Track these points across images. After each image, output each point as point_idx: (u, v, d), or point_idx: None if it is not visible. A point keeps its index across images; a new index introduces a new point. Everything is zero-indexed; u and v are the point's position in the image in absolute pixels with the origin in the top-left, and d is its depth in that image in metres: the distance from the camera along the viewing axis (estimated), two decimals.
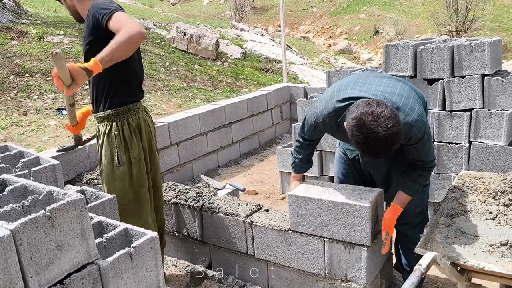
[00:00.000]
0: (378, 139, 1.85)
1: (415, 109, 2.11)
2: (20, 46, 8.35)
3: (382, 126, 1.84)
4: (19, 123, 5.51)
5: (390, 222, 2.29)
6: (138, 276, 1.48)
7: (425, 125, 2.14)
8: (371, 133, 1.84)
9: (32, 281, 1.20)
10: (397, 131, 1.87)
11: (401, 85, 2.22)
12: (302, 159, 2.60)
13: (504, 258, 1.90)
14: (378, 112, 1.86)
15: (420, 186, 2.31)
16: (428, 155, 2.24)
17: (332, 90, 2.30)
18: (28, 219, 1.18)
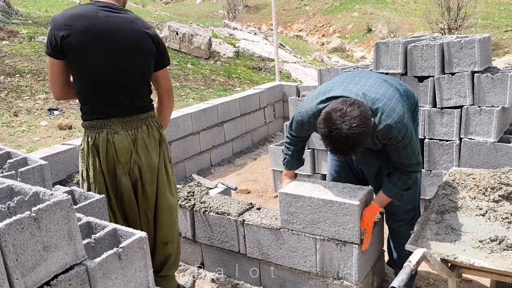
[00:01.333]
0: (340, 136, 1.92)
1: (396, 110, 2.12)
2: (11, 46, 8.29)
3: (346, 124, 1.90)
4: (9, 124, 5.47)
5: (368, 220, 2.30)
6: (127, 277, 1.47)
7: (406, 127, 2.12)
8: (335, 128, 1.92)
9: (18, 283, 1.18)
10: (360, 132, 1.92)
11: (386, 86, 2.23)
12: (292, 155, 2.60)
13: (494, 254, 1.92)
14: (346, 110, 1.93)
15: (399, 190, 2.30)
16: (409, 159, 2.21)
17: (319, 91, 2.32)
18: (13, 220, 1.16)
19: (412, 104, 2.38)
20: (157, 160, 2.28)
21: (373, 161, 2.50)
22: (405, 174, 2.27)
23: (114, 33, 2.10)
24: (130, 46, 2.14)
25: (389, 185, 2.31)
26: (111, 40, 2.10)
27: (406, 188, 2.31)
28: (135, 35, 2.15)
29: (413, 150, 2.21)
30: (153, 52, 2.22)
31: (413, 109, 2.39)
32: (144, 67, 2.21)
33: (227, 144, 5.59)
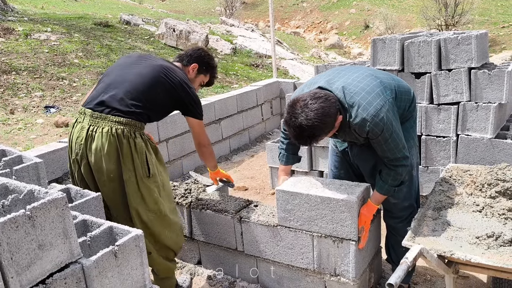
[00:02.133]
0: (296, 125, 2.01)
1: (373, 104, 2.12)
2: (7, 43, 8.24)
3: (303, 115, 1.99)
4: (6, 122, 5.44)
5: (365, 218, 2.30)
6: (123, 275, 1.46)
7: (383, 121, 2.11)
8: (293, 117, 2.02)
9: (13, 282, 1.18)
10: (313, 126, 1.99)
11: (369, 80, 2.23)
12: (287, 149, 2.60)
13: (490, 250, 1.92)
14: (309, 102, 2.01)
15: (390, 186, 2.29)
16: (393, 152, 2.20)
17: (308, 82, 2.35)
18: (8, 219, 1.16)
19: (407, 100, 2.37)
20: (114, 168, 2.27)
21: (368, 157, 2.50)
22: (392, 169, 2.26)
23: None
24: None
25: (380, 183, 2.31)
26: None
27: (396, 184, 2.30)
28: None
29: (397, 144, 2.19)
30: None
31: (407, 105, 2.38)
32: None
33: (224, 141, 5.58)
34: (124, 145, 2.27)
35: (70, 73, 7.38)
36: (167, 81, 2.42)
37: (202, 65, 2.69)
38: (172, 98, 2.46)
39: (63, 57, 8.07)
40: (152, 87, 2.38)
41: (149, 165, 2.35)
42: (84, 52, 8.54)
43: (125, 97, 2.33)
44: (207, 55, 2.75)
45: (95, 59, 8.30)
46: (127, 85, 2.37)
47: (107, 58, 8.47)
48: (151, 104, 2.39)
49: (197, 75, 2.70)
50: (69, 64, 7.79)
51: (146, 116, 2.40)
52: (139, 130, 2.35)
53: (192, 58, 2.68)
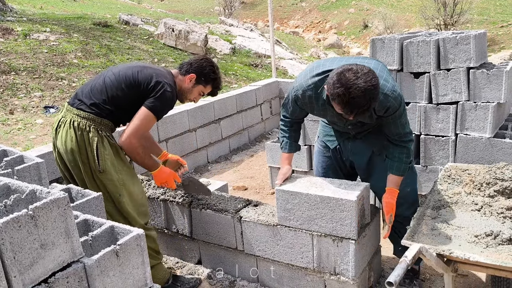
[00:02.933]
0: (359, 91, 1.93)
1: (389, 80, 2.22)
2: (6, 43, 8.24)
3: (362, 78, 1.94)
4: (5, 122, 5.45)
5: (391, 205, 2.37)
6: (125, 274, 1.47)
7: (400, 96, 2.23)
8: (352, 84, 1.93)
9: (16, 281, 1.19)
10: (376, 84, 1.98)
11: (375, 62, 2.32)
12: (290, 136, 2.61)
13: (489, 248, 1.93)
14: (357, 68, 1.98)
15: (406, 164, 2.39)
16: (403, 127, 2.34)
17: (311, 67, 2.37)
18: (10, 218, 1.17)
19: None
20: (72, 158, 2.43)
21: (364, 150, 2.54)
22: (403, 146, 2.36)
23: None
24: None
25: (395, 164, 2.38)
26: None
27: (409, 160, 2.40)
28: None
29: (406, 119, 2.35)
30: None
31: None
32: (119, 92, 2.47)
33: (223, 141, 5.59)
34: (79, 137, 2.39)
35: (69, 73, 7.39)
36: (132, 75, 2.45)
37: (201, 76, 2.61)
38: (138, 93, 2.43)
39: (62, 57, 8.07)
40: (118, 82, 2.45)
41: (100, 160, 2.40)
42: (83, 52, 8.55)
43: (91, 92, 2.47)
44: (209, 65, 2.63)
45: (94, 59, 8.31)
46: (99, 81, 2.50)
47: (106, 58, 8.48)
48: (116, 99, 2.44)
49: (194, 85, 2.62)
50: (68, 64, 7.79)
51: (108, 112, 2.45)
52: (97, 125, 2.42)
53: (192, 67, 2.61)
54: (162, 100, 2.43)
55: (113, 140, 2.48)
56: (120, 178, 2.45)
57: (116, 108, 2.46)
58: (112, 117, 2.48)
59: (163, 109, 2.47)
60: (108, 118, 2.46)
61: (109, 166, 2.42)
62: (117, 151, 2.49)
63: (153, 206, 3.05)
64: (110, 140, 2.46)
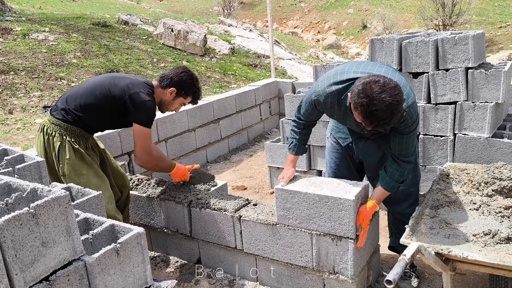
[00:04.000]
0: (382, 104, 1.92)
1: (410, 96, 2.21)
2: (5, 43, 8.23)
3: (388, 92, 1.93)
4: (4, 122, 5.45)
5: (364, 216, 2.33)
6: (125, 272, 1.48)
7: (417, 114, 2.25)
8: (376, 96, 1.93)
9: (17, 278, 1.20)
10: (400, 100, 1.96)
11: (398, 75, 2.31)
12: (299, 139, 2.61)
13: (487, 247, 1.94)
14: (384, 82, 1.96)
15: (396, 183, 2.35)
16: (408, 148, 2.29)
17: (334, 72, 2.34)
18: (12, 216, 1.18)
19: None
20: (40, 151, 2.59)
21: (374, 152, 2.55)
22: (401, 165, 2.32)
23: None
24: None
25: (386, 179, 2.36)
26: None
27: (401, 180, 2.37)
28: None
29: (414, 140, 2.31)
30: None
31: None
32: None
33: (223, 141, 5.60)
34: (46, 142, 2.54)
35: (68, 73, 7.39)
36: (109, 86, 2.54)
37: (181, 90, 2.67)
38: (113, 103, 2.53)
39: (61, 57, 8.07)
40: (92, 90, 2.56)
41: (60, 163, 2.53)
42: (82, 52, 8.54)
43: (67, 99, 2.59)
44: (189, 79, 2.69)
45: (93, 59, 8.31)
46: (76, 89, 2.62)
47: (105, 58, 8.48)
48: (88, 107, 2.54)
49: (175, 98, 2.70)
50: (67, 64, 7.79)
51: (77, 118, 2.54)
52: (62, 131, 2.53)
53: (172, 82, 2.66)
54: (143, 110, 2.53)
55: (77, 145, 2.56)
56: (82, 182, 2.51)
57: (86, 115, 2.55)
58: (81, 124, 2.57)
59: (149, 118, 2.57)
60: (76, 125, 2.56)
61: (70, 170, 2.53)
62: (81, 156, 2.58)
63: (153, 205, 3.05)
64: (74, 145, 2.55)
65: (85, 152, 2.59)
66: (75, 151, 2.55)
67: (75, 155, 2.55)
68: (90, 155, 2.64)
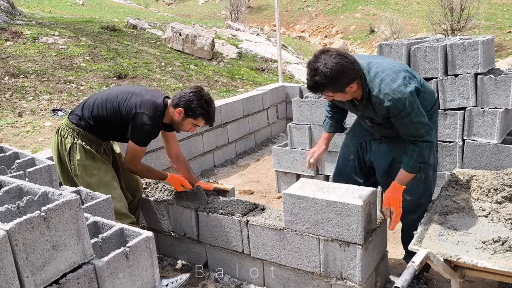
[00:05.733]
0: (313, 67, 2.16)
1: (397, 81, 2.21)
2: (15, 47, 8.33)
3: (323, 61, 2.14)
4: (14, 124, 5.50)
5: (389, 200, 2.37)
6: (134, 276, 1.49)
7: (406, 98, 2.17)
8: (315, 60, 2.17)
9: (28, 281, 1.21)
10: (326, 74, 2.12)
11: (397, 63, 2.36)
12: (331, 117, 2.76)
13: (497, 254, 1.93)
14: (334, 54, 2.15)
15: (415, 162, 2.32)
16: (416, 129, 2.26)
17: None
18: (24, 220, 1.19)
19: (430, 101, 2.43)
20: (56, 161, 2.68)
21: (385, 154, 2.56)
22: (418, 145, 2.30)
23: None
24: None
25: (406, 159, 2.35)
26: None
27: (422, 160, 2.31)
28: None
29: (420, 120, 2.24)
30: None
31: (430, 106, 2.42)
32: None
33: (230, 145, 5.60)
34: (59, 143, 2.64)
35: (77, 77, 7.45)
36: (118, 102, 2.62)
37: (188, 110, 2.62)
38: (120, 119, 2.61)
39: (71, 60, 8.14)
40: (104, 103, 2.65)
41: (72, 164, 2.61)
42: (91, 55, 8.62)
43: (83, 106, 2.70)
44: (197, 99, 2.61)
45: (102, 62, 8.37)
46: (93, 98, 2.73)
47: (114, 61, 8.54)
48: (99, 118, 2.64)
49: (184, 119, 2.67)
50: (76, 67, 7.86)
51: (88, 126, 2.65)
52: (74, 133, 2.63)
53: (181, 101, 2.62)
54: (140, 132, 2.60)
55: (88, 147, 2.64)
56: (93, 182, 2.60)
57: (97, 125, 2.65)
58: (92, 131, 2.66)
59: (143, 139, 2.63)
60: (88, 131, 2.66)
61: (81, 171, 2.61)
62: (92, 157, 2.65)
63: (160, 209, 3.07)
64: (85, 146, 2.63)
65: (96, 153, 2.67)
66: (86, 152, 2.63)
67: (86, 155, 2.62)
68: (102, 156, 2.72)
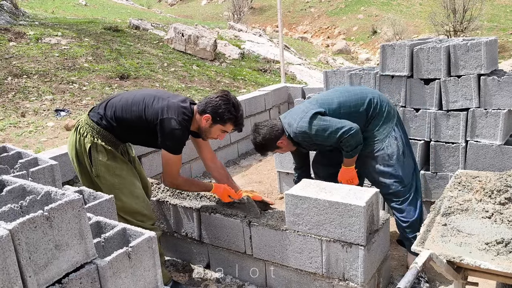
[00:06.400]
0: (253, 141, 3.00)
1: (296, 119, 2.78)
2: (18, 47, 8.35)
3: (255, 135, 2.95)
4: (17, 124, 5.52)
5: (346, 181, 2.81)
6: (136, 276, 1.49)
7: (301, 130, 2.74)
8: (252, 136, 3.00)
9: (31, 281, 1.21)
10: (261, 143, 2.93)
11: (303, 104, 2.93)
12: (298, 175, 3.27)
13: (500, 256, 1.92)
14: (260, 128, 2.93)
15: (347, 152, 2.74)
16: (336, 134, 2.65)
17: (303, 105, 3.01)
18: (27, 219, 1.19)
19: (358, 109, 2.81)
20: (73, 159, 2.58)
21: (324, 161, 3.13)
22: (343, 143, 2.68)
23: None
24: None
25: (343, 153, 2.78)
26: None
27: (350, 149, 2.71)
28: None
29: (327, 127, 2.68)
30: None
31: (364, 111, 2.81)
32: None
33: (232, 145, 5.60)
34: (78, 141, 2.51)
35: (80, 77, 7.47)
36: (145, 106, 2.50)
37: (216, 117, 2.52)
38: (145, 124, 2.50)
39: (73, 61, 8.16)
40: (130, 105, 2.53)
41: (93, 164, 2.49)
42: (94, 56, 8.63)
43: (105, 106, 2.57)
44: (224, 104, 2.51)
45: (104, 63, 8.39)
46: (117, 98, 2.60)
47: (116, 62, 8.56)
48: (122, 119, 2.52)
49: (212, 125, 2.56)
50: (79, 68, 7.88)
51: (109, 126, 2.52)
52: (94, 133, 2.50)
53: (207, 107, 2.51)
54: (171, 138, 2.47)
55: (109, 147, 2.52)
56: (117, 182, 2.50)
57: (118, 126, 2.53)
58: (112, 131, 2.54)
59: (176, 146, 2.50)
60: (109, 131, 2.54)
61: (104, 171, 2.49)
62: (114, 156, 2.54)
63: (163, 209, 3.07)
64: (106, 146, 2.51)
65: (117, 152, 2.57)
66: (107, 152, 2.51)
67: (108, 155, 2.51)
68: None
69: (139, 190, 2.61)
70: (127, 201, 2.52)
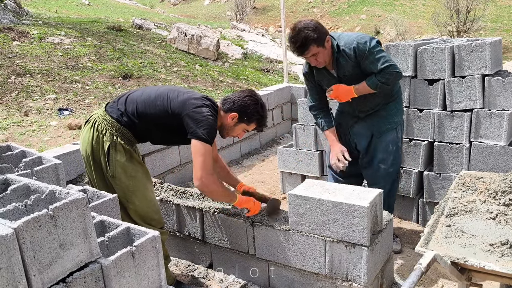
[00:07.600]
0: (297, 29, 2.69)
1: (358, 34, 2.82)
2: (21, 46, 8.37)
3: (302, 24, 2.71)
4: (20, 123, 5.53)
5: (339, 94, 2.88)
6: (140, 275, 1.49)
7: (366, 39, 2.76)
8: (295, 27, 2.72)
9: (35, 280, 1.21)
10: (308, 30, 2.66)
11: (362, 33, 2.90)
12: (322, 116, 3.14)
13: (504, 257, 1.91)
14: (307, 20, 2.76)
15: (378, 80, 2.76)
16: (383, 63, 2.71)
17: None
18: (31, 218, 1.19)
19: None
20: (86, 155, 2.45)
21: (365, 132, 3.05)
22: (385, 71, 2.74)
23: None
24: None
25: (372, 77, 2.79)
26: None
27: (384, 81, 2.76)
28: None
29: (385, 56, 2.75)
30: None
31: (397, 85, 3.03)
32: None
33: (235, 145, 5.60)
34: (95, 138, 2.39)
35: (83, 77, 7.48)
36: (169, 97, 2.43)
37: (243, 115, 2.49)
38: (171, 116, 2.40)
39: (76, 60, 8.17)
40: (153, 100, 2.43)
41: (110, 164, 2.38)
42: (97, 55, 8.64)
43: (126, 100, 2.47)
44: (253, 104, 2.49)
45: (107, 62, 8.40)
46: (138, 93, 2.50)
47: (119, 61, 8.57)
48: (144, 115, 2.42)
49: (237, 124, 2.54)
50: (82, 67, 7.89)
51: (130, 123, 2.43)
52: (114, 130, 2.39)
53: (235, 105, 2.48)
54: (207, 126, 2.34)
55: (128, 146, 2.44)
56: (131, 184, 2.42)
57: (141, 123, 2.43)
58: (133, 129, 2.45)
59: (211, 134, 2.37)
60: (129, 129, 2.44)
61: (120, 172, 2.39)
62: (131, 157, 2.45)
63: (166, 209, 3.07)
64: (125, 146, 2.42)
65: (134, 153, 2.49)
66: (125, 152, 2.41)
67: (126, 155, 2.41)
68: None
69: (152, 193, 2.56)
70: (140, 204, 2.46)
